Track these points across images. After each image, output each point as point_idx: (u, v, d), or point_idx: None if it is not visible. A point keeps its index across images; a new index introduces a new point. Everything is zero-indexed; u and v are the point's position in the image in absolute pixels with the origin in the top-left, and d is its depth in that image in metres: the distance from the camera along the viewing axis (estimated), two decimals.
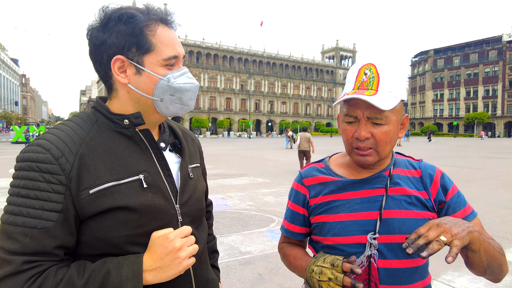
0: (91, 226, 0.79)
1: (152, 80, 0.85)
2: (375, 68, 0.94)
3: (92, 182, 0.78)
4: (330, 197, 1.04)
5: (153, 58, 0.85)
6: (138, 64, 0.84)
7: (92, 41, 0.84)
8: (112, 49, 0.83)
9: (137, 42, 0.83)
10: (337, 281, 0.86)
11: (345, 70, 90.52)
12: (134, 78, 0.85)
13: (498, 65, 75.94)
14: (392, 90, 0.93)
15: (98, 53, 0.85)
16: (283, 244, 1.20)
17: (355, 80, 0.96)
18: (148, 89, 0.85)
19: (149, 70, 0.84)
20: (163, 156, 0.91)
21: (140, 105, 0.88)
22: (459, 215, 0.99)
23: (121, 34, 0.83)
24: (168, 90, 0.86)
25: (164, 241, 0.80)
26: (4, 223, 0.74)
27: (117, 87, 0.87)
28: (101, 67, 0.86)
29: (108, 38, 0.83)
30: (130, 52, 0.84)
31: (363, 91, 0.92)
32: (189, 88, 0.89)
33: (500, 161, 16.20)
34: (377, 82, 0.92)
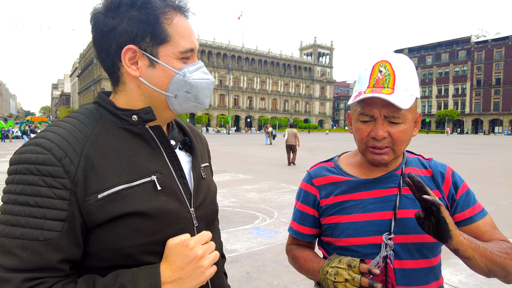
0: (100, 236, 0.70)
1: (167, 74, 0.77)
2: (390, 65, 0.90)
3: (100, 185, 0.69)
4: (343, 197, 1.01)
5: (168, 50, 0.76)
6: (152, 55, 0.76)
7: (99, 27, 0.75)
8: (122, 37, 0.74)
9: (152, 31, 0.75)
10: (354, 281, 0.84)
11: (322, 67, 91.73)
12: (146, 71, 0.77)
13: (467, 64, 79.36)
14: (408, 88, 0.90)
15: (105, 41, 0.75)
16: (291, 246, 1.16)
17: (369, 77, 0.91)
18: (162, 84, 0.77)
19: (164, 63, 0.76)
20: (175, 155, 0.83)
21: (151, 101, 0.79)
22: (467, 214, 0.98)
23: (134, 21, 0.74)
24: (183, 86, 0.78)
25: (184, 249, 0.72)
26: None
27: (126, 80, 0.79)
28: (108, 57, 0.77)
29: (118, 25, 0.74)
30: (143, 42, 0.75)
31: (380, 89, 0.89)
32: (206, 85, 0.82)
33: (471, 157, 16.94)
34: (393, 80, 0.89)
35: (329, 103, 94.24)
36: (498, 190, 8.09)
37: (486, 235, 0.96)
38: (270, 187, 8.39)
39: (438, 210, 0.79)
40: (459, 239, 0.82)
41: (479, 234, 0.96)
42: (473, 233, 0.96)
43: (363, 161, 1.04)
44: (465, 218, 0.98)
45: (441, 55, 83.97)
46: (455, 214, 0.98)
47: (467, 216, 0.98)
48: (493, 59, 75.72)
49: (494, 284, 3.37)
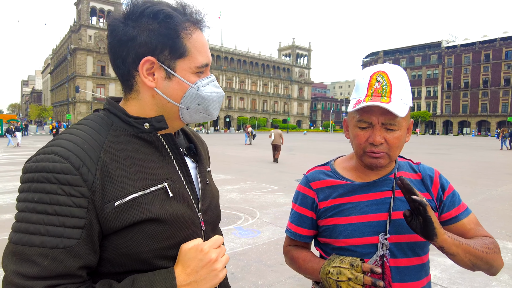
0: (115, 242, 0.72)
1: (182, 87, 0.79)
2: (387, 76, 0.96)
3: (117, 193, 0.71)
4: (340, 200, 1.06)
5: (186, 64, 0.78)
6: (169, 68, 0.78)
7: (117, 35, 0.76)
8: (142, 48, 0.75)
9: (172, 45, 0.76)
10: (357, 280, 0.89)
11: (300, 68, 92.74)
12: (162, 83, 0.78)
13: (438, 68, 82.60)
14: (403, 97, 0.96)
15: (123, 50, 0.76)
16: (289, 247, 1.20)
17: (367, 86, 0.97)
18: (176, 96, 0.79)
19: (181, 77, 0.78)
20: (185, 162, 0.85)
21: (164, 111, 0.81)
22: (454, 213, 1.05)
23: (155, 33, 0.75)
24: (196, 99, 0.81)
25: (198, 253, 0.75)
26: (17, 244, 0.64)
27: (140, 89, 0.80)
28: (124, 65, 0.78)
29: (138, 35, 0.75)
30: (162, 55, 0.77)
31: (378, 98, 0.95)
32: (216, 98, 0.84)
33: (442, 157, 17.68)
34: (390, 90, 0.95)
35: (307, 104, 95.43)
36: (467, 189, 8.51)
37: (471, 232, 1.04)
38: (251, 187, 8.44)
39: (424, 209, 0.86)
40: (443, 237, 0.89)
41: (465, 232, 1.04)
42: (459, 231, 1.04)
43: (358, 165, 1.09)
44: (451, 217, 1.06)
45: (414, 58, 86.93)
46: (443, 213, 1.06)
47: (453, 215, 1.06)
48: (462, 64, 79.23)
49: (466, 278, 3.56)
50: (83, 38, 60.11)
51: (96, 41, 61.52)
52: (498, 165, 14.25)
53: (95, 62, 61.55)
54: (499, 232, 5.15)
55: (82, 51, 59.61)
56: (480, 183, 9.47)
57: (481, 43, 77.50)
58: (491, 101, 75.41)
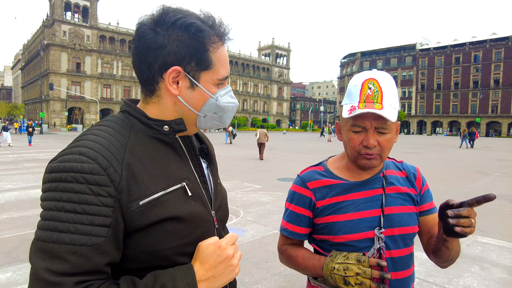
0: (138, 239, 0.75)
1: (204, 97, 0.83)
2: (377, 83, 1.03)
3: (141, 192, 0.74)
4: (337, 198, 1.12)
5: (209, 76, 0.82)
6: (194, 79, 0.81)
7: (146, 42, 0.78)
8: (170, 57, 0.78)
9: (199, 58, 0.80)
10: (365, 274, 0.97)
11: (280, 68, 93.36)
12: (186, 92, 0.82)
13: (412, 70, 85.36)
14: (392, 102, 1.03)
15: (150, 56, 0.79)
16: (284, 246, 1.24)
17: (359, 93, 1.04)
18: (197, 105, 0.84)
19: (204, 88, 0.82)
20: (200, 162, 0.90)
21: (183, 117, 0.85)
22: (429, 206, 1.19)
23: (185, 45, 0.78)
24: (214, 108, 0.85)
25: (217, 249, 0.78)
26: (47, 242, 0.66)
27: (162, 95, 0.83)
28: (149, 71, 0.80)
29: (168, 44, 0.78)
30: (189, 66, 0.80)
31: (371, 104, 1.02)
32: (231, 108, 0.89)
33: (417, 156, 18.35)
34: (381, 96, 1.02)
35: (286, 104, 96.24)
36: (440, 187, 8.90)
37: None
38: (234, 187, 8.47)
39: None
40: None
41: (435, 224, 1.16)
42: (431, 222, 1.17)
43: (350, 165, 1.16)
44: (428, 209, 1.19)
45: (390, 60, 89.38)
46: (422, 204, 1.18)
47: (429, 207, 1.19)
48: (435, 66, 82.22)
49: (441, 271, 3.76)
50: (57, 33, 57.98)
51: (71, 37, 59.53)
52: (468, 164, 14.96)
53: (70, 59, 59.57)
54: None
55: (56, 47, 57.52)
56: (453, 181, 9.92)
57: (452, 46, 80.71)
58: (461, 102, 78.73)
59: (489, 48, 75.21)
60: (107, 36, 64.45)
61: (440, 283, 3.51)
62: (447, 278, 3.62)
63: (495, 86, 74.37)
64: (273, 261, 3.95)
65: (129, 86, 66.74)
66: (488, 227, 5.44)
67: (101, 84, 63.31)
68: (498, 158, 17.90)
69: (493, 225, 5.57)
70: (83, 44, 60.65)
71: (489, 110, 75.35)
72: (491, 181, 10.08)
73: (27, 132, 22.87)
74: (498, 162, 16.02)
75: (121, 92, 65.65)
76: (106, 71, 64.24)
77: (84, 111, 61.17)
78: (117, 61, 65.31)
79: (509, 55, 72.82)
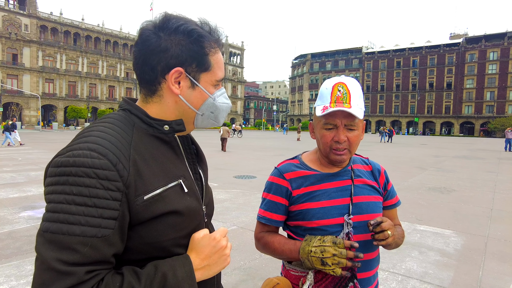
0: (140, 232, 0.79)
1: (203, 97, 0.90)
2: (346, 86, 1.17)
3: (145, 188, 0.78)
4: (312, 188, 1.25)
5: (208, 77, 0.89)
6: (194, 79, 0.88)
7: (150, 45, 0.84)
8: (173, 60, 0.84)
9: (200, 60, 0.87)
10: (342, 255, 1.08)
11: (234, 66, 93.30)
12: (187, 91, 0.88)
13: (359, 71, 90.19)
14: (359, 103, 1.17)
15: (154, 59, 0.84)
16: (261, 233, 1.34)
17: (330, 95, 1.17)
18: (197, 104, 0.90)
19: (203, 87, 0.89)
20: (194, 161, 0.97)
21: (183, 115, 0.91)
22: (393, 201, 1.38)
23: (186, 49, 0.85)
24: (211, 107, 0.92)
25: (211, 241, 0.86)
26: (57, 233, 0.69)
27: (164, 94, 0.88)
28: (152, 72, 0.85)
29: (171, 48, 0.84)
30: (190, 67, 0.86)
31: (341, 104, 1.15)
32: (225, 108, 0.96)
33: (365, 153, 19.41)
34: (349, 98, 1.16)
35: (240, 102, 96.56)
36: None
37: (397, 219, 1.42)
38: None
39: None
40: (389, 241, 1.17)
41: (393, 217, 1.39)
42: (392, 214, 1.38)
43: (322, 160, 1.30)
44: (392, 204, 1.38)
45: (338, 62, 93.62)
46: (387, 200, 1.37)
47: (393, 203, 1.39)
48: (379, 69, 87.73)
49: (387, 257, 4.14)
50: None
51: (5, 26, 54.20)
52: (408, 160, 16.30)
53: (4, 49, 54.41)
54: (410, 217, 6.03)
55: None
56: (395, 175, 10.76)
57: (394, 51, 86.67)
58: (402, 103, 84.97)
59: (424, 54, 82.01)
60: (49, 27, 59.72)
61: (386, 268, 3.87)
62: (392, 264, 4.00)
63: (430, 89, 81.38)
64: (233, 256, 4.04)
65: (74, 81, 62.47)
66: (424, 217, 6.06)
67: (42, 79, 58.64)
68: (433, 155, 19.70)
69: (429, 215, 6.21)
70: (20, 33, 55.59)
71: (425, 111, 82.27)
72: (427, 175, 11.10)
73: None
74: (433, 158, 17.65)
75: (66, 87, 61.27)
76: (48, 65, 59.64)
77: (23, 107, 56.27)
78: (61, 54, 60.89)
79: (441, 61, 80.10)
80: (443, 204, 7.12)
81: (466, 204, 7.12)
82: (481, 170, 12.95)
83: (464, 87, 77.24)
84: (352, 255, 1.08)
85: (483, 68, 75.22)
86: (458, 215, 6.23)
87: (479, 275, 3.74)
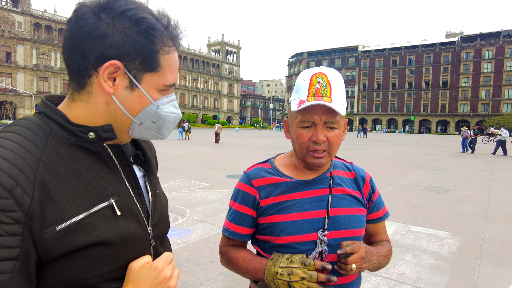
0: (57, 269, 0.64)
1: (142, 102, 0.73)
2: (326, 77, 0.99)
3: (58, 215, 0.63)
4: (282, 197, 1.06)
5: (153, 79, 0.72)
6: (135, 79, 0.71)
7: (85, 26, 0.67)
8: (111, 50, 0.67)
9: (146, 57, 0.70)
10: (312, 278, 0.91)
11: (230, 65, 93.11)
12: (122, 92, 0.71)
13: (355, 70, 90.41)
14: (340, 97, 1.00)
15: (87, 44, 0.67)
16: (226, 247, 1.17)
17: (308, 87, 0.99)
18: (134, 110, 0.72)
19: (145, 91, 0.72)
20: (134, 173, 0.79)
21: (114, 121, 0.73)
22: (380, 214, 1.20)
23: (131, 40, 0.68)
24: (153, 116, 0.75)
25: (152, 272, 0.72)
26: None
27: (93, 91, 0.70)
28: (82, 60, 0.68)
29: (111, 35, 0.67)
30: (131, 63, 0.70)
31: (320, 98, 0.97)
32: (173, 119, 0.79)
33: (358, 152, 19.42)
34: (330, 91, 0.98)
35: (237, 101, 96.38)
36: (380, 180, 9.49)
37: (380, 235, 1.22)
38: (181, 185, 8.23)
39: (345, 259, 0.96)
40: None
41: (378, 232, 1.21)
42: (377, 229, 1.20)
43: (298, 163, 1.11)
44: (378, 217, 1.19)
45: (335, 60, 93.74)
46: (372, 213, 1.17)
47: (379, 216, 1.19)
48: (375, 67, 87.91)
49: None
50: None
51: None
52: (403, 158, 16.18)
53: None
54: (404, 217, 5.88)
55: None
56: (390, 175, 10.64)
57: (390, 49, 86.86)
58: (398, 102, 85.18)
59: (420, 52, 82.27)
60: (43, 25, 59.03)
61: (378, 273, 3.71)
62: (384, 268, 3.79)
63: (426, 88, 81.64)
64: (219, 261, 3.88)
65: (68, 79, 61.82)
66: (419, 217, 5.91)
67: (36, 77, 57.88)
68: (428, 153, 19.61)
69: (423, 215, 6.06)
70: (14, 31, 54.83)
71: (421, 109, 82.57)
72: (422, 174, 10.98)
73: None
74: (429, 156, 17.56)
75: (60, 86, 60.65)
76: (42, 63, 58.83)
77: (17, 105, 55.52)
78: (56, 52, 60.10)
79: (437, 60, 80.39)
80: (438, 204, 6.99)
81: (462, 204, 6.99)
82: (477, 168, 12.86)
83: (460, 85, 77.61)
84: (324, 278, 0.92)
85: (478, 67, 75.58)
86: (454, 215, 6.10)
87: (475, 279, 3.60)
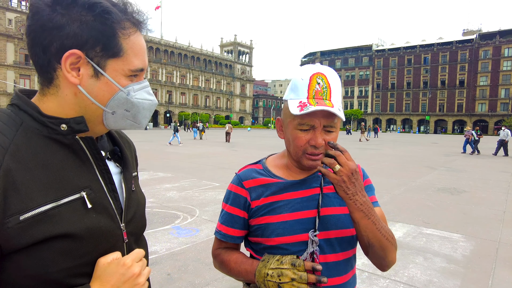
0: (19, 262, 0.62)
1: (111, 89, 0.72)
2: (326, 79, 0.98)
3: (23, 205, 0.62)
4: (273, 198, 1.06)
5: (118, 65, 0.72)
6: (98, 66, 0.70)
7: (40, 19, 0.67)
8: (69, 40, 0.67)
9: (105, 43, 0.70)
10: (301, 279, 0.90)
11: (242, 65, 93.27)
12: (88, 81, 0.71)
13: (369, 69, 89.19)
14: (338, 100, 0.99)
15: (45, 37, 0.67)
16: (218, 250, 1.16)
17: (307, 88, 0.97)
18: (102, 98, 0.72)
19: (110, 77, 0.71)
20: (107, 168, 0.78)
21: (86, 112, 0.73)
22: None
23: (88, 27, 0.68)
24: (124, 104, 0.74)
25: (120, 268, 0.71)
26: None
27: (60, 84, 0.71)
28: (44, 54, 0.68)
29: (67, 25, 0.66)
30: (92, 51, 0.69)
31: (321, 101, 0.96)
32: (147, 106, 0.78)
33: (372, 152, 19.15)
34: (329, 93, 0.97)
35: (249, 101, 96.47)
36: (392, 181, 9.33)
37: None
38: (191, 185, 8.28)
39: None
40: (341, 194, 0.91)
41: None
42: None
43: (290, 164, 1.10)
44: None
45: (348, 60, 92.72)
46: None
47: None
48: (389, 66, 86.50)
49: None
50: (1, 21, 53.36)
51: (17, 26, 55.01)
52: (417, 159, 15.86)
53: (17, 50, 55.09)
54: (416, 219, 5.74)
55: (0, 37, 52.95)
56: (403, 175, 10.42)
57: (404, 48, 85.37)
58: (413, 101, 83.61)
59: (436, 51, 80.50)
60: None
61: (387, 275, 3.63)
62: (394, 270, 3.76)
63: (442, 87, 79.86)
64: None
65: None
66: (432, 219, 5.77)
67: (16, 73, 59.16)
68: (443, 154, 19.19)
69: (436, 217, 5.91)
70: None
71: (437, 109, 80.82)
72: (437, 175, 10.73)
73: None
74: (444, 157, 17.17)
75: None
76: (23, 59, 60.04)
77: None
78: None
79: (453, 58, 78.50)
80: (452, 205, 6.81)
81: (477, 206, 6.79)
82: (494, 169, 12.50)
83: (478, 84, 75.60)
84: (314, 279, 0.91)
85: (497, 65, 73.46)
86: (468, 218, 5.93)
87: (489, 284, 3.48)
